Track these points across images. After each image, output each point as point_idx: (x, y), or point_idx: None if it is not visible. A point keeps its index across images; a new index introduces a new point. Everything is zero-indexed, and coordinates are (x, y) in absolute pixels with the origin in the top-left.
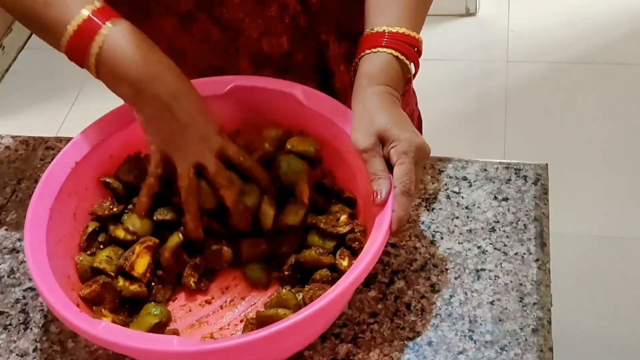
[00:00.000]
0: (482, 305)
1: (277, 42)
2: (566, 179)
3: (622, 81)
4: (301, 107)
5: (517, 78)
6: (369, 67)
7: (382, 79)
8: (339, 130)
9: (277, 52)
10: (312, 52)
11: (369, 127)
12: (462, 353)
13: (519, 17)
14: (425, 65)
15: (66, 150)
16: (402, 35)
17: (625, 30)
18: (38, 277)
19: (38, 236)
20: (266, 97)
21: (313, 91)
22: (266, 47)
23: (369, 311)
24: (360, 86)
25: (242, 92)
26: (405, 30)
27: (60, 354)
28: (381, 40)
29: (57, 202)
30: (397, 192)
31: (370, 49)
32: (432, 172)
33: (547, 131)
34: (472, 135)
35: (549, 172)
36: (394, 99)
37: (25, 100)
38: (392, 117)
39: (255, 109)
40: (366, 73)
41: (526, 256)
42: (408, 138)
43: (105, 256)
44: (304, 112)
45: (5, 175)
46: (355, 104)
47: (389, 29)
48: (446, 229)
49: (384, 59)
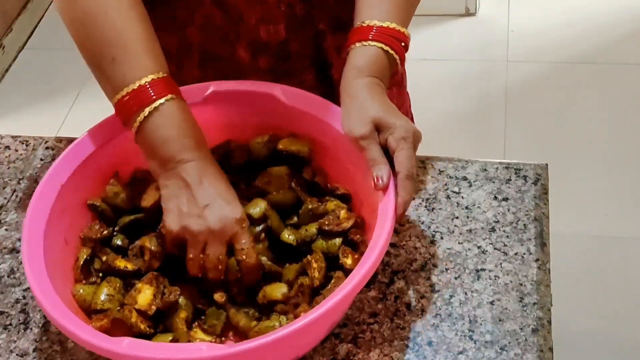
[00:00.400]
0: (482, 305)
1: (274, 29)
2: (566, 179)
3: (622, 81)
4: (283, 106)
5: (517, 78)
6: (357, 59)
7: (369, 71)
8: (326, 125)
9: (275, 40)
10: (309, 41)
11: (363, 115)
12: (462, 353)
13: (519, 17)
14: (425, 65)
15: (50, 173)
16: (390, 29)
17: (625, 30)
18: (48, 306)
19: (37, 263)
20: (247, 101)
21: (293, 89)
22: (264, 34)
23: (369, 311)
24: (347, 78)
25: (222, 97)
26: (395, 26)
27: (60, 354)
28: (369, 34)
29: (48, 227)
30: (402, 177)
31: (360, 41)
32: (432, 172)
33: (547, 131)
34: (472, 135)
35: (549, 172)
36: (381, 89)
37: (25, 100)
38: (384, 105)
39: (238, 114)
40: (354, 65)
41: (526, 256)
42: (404, 125)
43: (106, 295)
44: (287, 112)
45: (5, 175)
46: (344, 95)
47: (378, 23)
48: (446, 229)
49: (372, 52)
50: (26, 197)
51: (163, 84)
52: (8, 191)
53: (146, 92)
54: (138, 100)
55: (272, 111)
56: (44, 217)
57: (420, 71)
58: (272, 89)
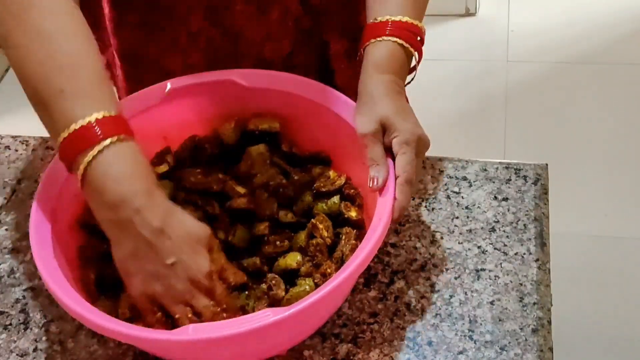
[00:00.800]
0: (482, 305)
1: (278, 46)
2: (566, 179)
3: (622, 81)
4: (244, 89)
5: (517, 78)
6: (374, 55)
7: (387, 67)
8: (293, 97)
9: (279, 56)
10: (314, 52)
11: (372, 113)
12: (462, 353)
13: (519, 17)
14: (425, 65)
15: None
16: (405, 23)
17: (625, 30)
18: (84, 312)
19: (56, 275)
20: (207, 92)
21: (251, 71)
22: (268, 52)
23: (369, 311)
24: (366, 73)
25: (182, 93)
26: (408, 19)
27: (60, 354)
28: (385, 29)
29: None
30: (400, 182)
31: (375, 38)
32: (432, 172)
33: (547, 131)
34: (472, 135)
35: (549, 172)
36: (399, 88)
37: (25, 100)
38: (396, 106)
39: (199, 107)
40: (372, 61)
41: (526, 256)
42: (410, 128)
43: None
44: (249, 94)
45: (5, 175)
46: (362, 90)
47: (392, 18)
48: (446, 229)
49: (389, 47)
50: (26, 197)
51: (113, 123)
52: (8, 191)
53: (91, 132)
54: (84, 140)
55: (234, 97)
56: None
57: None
58: (230, 75)
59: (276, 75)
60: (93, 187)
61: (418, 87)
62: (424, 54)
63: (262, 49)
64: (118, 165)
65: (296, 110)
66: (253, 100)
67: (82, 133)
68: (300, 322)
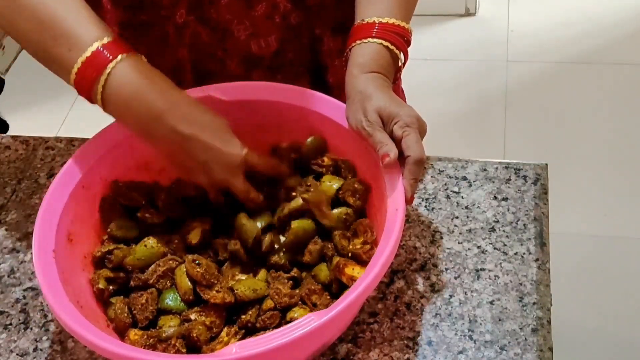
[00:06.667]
0: (482, 305)
1: (265, 42)
2: (566, 179)
3: (622, 81)
4: (225, 104)
5: (517, 78)
6: (360, 56)
7: (373, 67)
8: (274, 104)
9: (267, 52)
10: (304, 49)
11: (368, 106)
12: (462, 353)
13: (519, 17)
14: (426, 65)
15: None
16: (392, 25)
17: (625, 30)
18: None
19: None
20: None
21: (227, 85)
22: (255, 48)
23: (369, 311)
24: (352, 74)
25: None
26: (395, 21)
27: (60, 354)
28: (372, 31)
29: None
30: (410, 161)
31: (361, 39)
32: (432, 172)
33: (547, 131)
34: (472, 135)
35: (548, 172)
36: (387, 83)
37: (25, 100)
38: (390, 96)
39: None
40: (357, 62)
41: (526, 256)
42: (408, 112)
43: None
44: (230, 107)
45: (5, 175)
46: (350, 90)
47: (379, 19)
48: (446, 229)
49: (375, 49)
50: (26, 197)
51: (114, 45)
52: (8, 191)
53: (101, 56)
54: (95, 66)
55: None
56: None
57: (420, 71)
58: (207, 91)
59: (254, 85)
60: (116, 105)
61: (418, 87)
62: (424, 54)
63: (248, 46)
64: (133, 75)
65: (279, 116)
66: (235, 113)
67: (92, 60)
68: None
